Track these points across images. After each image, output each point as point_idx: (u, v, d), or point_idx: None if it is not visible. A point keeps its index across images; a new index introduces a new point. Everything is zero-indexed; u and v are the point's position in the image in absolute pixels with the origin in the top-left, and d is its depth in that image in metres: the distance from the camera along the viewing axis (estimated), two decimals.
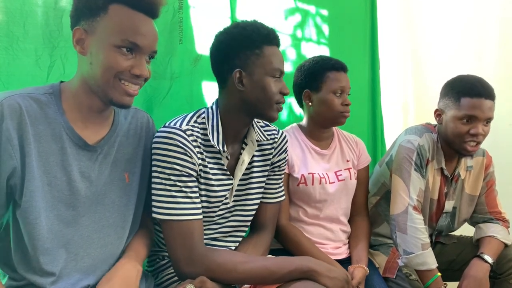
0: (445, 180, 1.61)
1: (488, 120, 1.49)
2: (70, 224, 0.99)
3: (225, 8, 1.76)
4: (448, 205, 1.64)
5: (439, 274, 1.46)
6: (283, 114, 2.04)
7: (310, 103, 1.57)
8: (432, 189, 1.59)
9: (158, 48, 1.53)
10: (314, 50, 2.11)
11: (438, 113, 1.59)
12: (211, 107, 1.21)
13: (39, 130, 0.94)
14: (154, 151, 1.11)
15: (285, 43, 2.02)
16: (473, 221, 1.71)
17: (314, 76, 1.54)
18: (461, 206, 1.67)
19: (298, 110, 2.03)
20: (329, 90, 1.51)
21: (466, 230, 1.78)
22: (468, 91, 1.47)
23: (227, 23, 1.71)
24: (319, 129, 1.59)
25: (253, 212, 1.31)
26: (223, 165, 1.20)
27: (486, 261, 1.49)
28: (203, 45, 1.65)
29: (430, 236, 1.63)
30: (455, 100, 1.50)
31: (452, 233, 1.75)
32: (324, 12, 2.17)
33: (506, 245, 1.57)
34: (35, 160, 0.93)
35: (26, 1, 1.27)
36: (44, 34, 1.30)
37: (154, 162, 1.11)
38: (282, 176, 1.39)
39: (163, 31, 1.56)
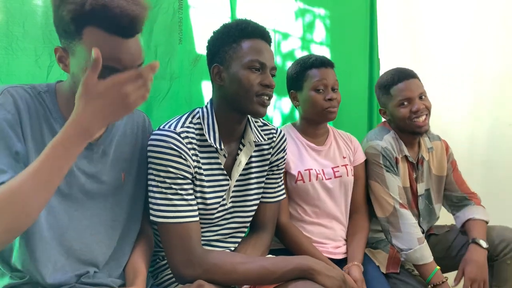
0: (412, 166, 1.67)
1: (421, 95, 1.60)
2: (63, 217, 0.99)
3: (225, 8, 1.75)
4: (420, 188, 1.69)
5: (438, 267, 1.49)
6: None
7: (297, 103, 1.59)
8: (402, 178, 1.64)
9: (158, 48, 1.56)
10: (315, 49, 2.11)
11: (383, 112, 1.70)
12: (206, 107, 1.21)
13: (37, 124, 0.95)
14: (149, 154, 1.11)
15: (287, 42, 2.01)
16: (449, 201, 1.77)
17: (296, 76, 1.56)
18: (433, 186, 1.73)
19: None
20: (309, 88, 1.52)
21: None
22: (391, 82, 1.63)
23: None
24: (312, 127, 1.59)
25: (253, 213, 1.30)
26: (220, 164, 1.20)
27: (482, 246, 1.53)
28: (203, 45, 1.63)
29: (419, 224, 1.65)
30: (387, 94, 1.64)
31: (444, 224, 1.80)
32: (325, 12, 2.17)
33: (487, 222, 1.63)
34: (32, 153, 0.93)
35: (26, 0, 1.27)
36: (44, 34, 1.29)
37: (149, 165, 1.11)
38: (281, 175, 1.39)
39: (163, 31, 1.56)
